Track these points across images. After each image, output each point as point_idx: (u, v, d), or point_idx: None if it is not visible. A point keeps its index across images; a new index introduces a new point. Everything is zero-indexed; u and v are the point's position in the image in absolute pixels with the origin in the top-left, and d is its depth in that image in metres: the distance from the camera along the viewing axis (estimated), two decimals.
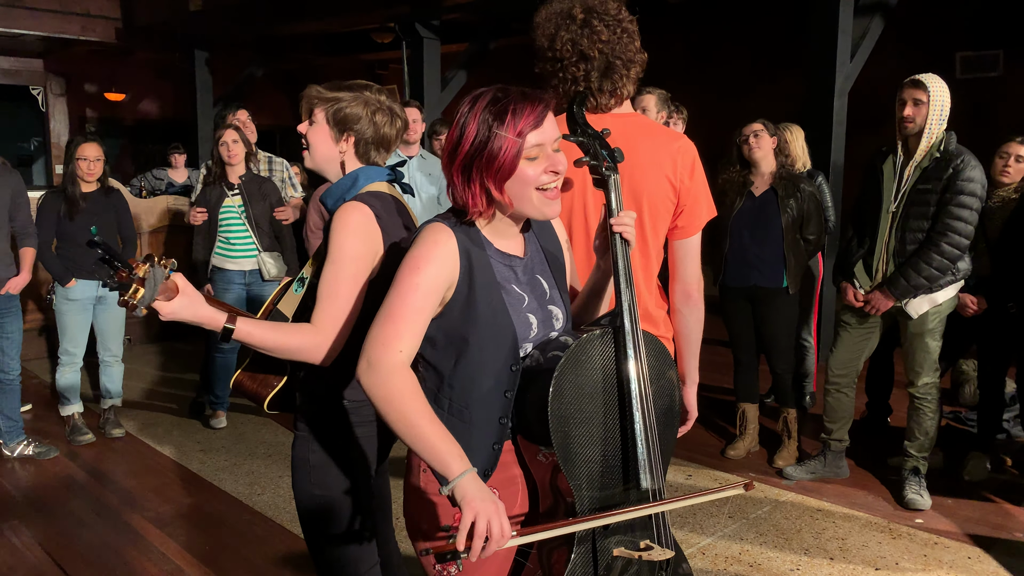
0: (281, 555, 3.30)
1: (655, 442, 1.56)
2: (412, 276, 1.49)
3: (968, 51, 7.49)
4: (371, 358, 1.47)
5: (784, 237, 4.03)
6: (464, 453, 1.42)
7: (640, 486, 1.54)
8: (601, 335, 1.56)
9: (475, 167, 1.49)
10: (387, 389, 1.44)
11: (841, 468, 3.98)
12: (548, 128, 1.51)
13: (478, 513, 1.34)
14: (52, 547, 3.37)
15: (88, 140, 4.46)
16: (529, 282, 1.63)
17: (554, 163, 1.51)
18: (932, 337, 3.62)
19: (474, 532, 1.34)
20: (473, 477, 1.39)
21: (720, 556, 3.25)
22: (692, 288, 2.09)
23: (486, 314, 1.53)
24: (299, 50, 10.00)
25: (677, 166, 1.98)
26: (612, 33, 1.94)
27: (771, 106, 6.79)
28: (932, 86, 3.44)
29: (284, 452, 4.39)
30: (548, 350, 1.57)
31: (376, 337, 1.48)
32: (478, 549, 1.33)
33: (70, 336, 4.53)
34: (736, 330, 4.30)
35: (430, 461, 1.42)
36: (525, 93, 1.51)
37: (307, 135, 1.97)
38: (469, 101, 1.52)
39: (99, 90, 11.09)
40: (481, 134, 1.48)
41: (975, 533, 3.43)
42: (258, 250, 4.68)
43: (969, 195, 3.41)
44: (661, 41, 9.24)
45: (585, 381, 1.53)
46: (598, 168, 1.61)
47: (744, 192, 4.12)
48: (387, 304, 1.51)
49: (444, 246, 1.51)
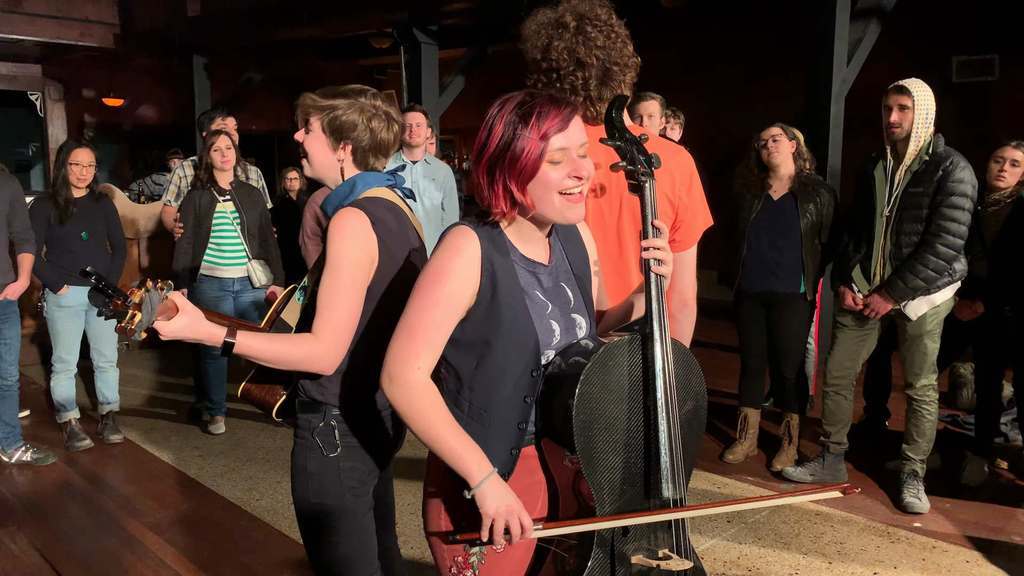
0: (279, 560, 3.29)
1: (679, 451, 1.55)
2: (434, 289, 1.50)
3: (964, 55, 7.51)
4: (391, 374, 1.51)
5: (803, 242, 4.01)
6: (486, 458, 1.50)
7: (662, 495, 1.53)
8: (630, 341, 1.55)
9: (499, 168, 1.49)
10: (409, 406, 1.50)
11: (840, 472, 3.98)
12: (574, 132, 1.50)
13: (495, 518, 1.47)
14: (50, 553, 3.36)
15: (80, 145, 4.43)
16: (553, 289, 1.62)
17: (578, 168, 1.50)
18: (931, 339, 3.63)
19: (492, 535, 1.48)
20: (493, 482, 1.49)
21: (719, 560, 3.25)
22: (688, 297, 2.11)
23: (509, 319, 1.53)
24: (297, 55, 10.01)
25: (676, 183, 1.98)
26: (607, 38, 1.90)
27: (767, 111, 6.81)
28: (916, 91, 3.47)
29: (283, 457, 4.39)
30: (569, 355, 1.57)
31: (396, 353, 1.51)
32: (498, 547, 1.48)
33: (63, 343, 4.52)
34: (748, 336, 4.29)
35: (454, 468, 1.50)
36: (553, 97, 1.51)
37: (304, 144, 1.95)
38: (499, 103, 1.53)
39: (97, 95, 11.09)
40: (506, 135, 1.48)
41: (973, 536, 3.44)
42: (248, 257, 4.68)
43: (960, 196, 3.43)
44: (658, 47, 9.28)
45: (612, 386, 1.52)
46: (635, 173, 1.59)
47: (762, 196, 4.10)
48: (408, 317, 1.52)
49: (466, 254, 1.50)
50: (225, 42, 8.88)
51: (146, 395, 5.69)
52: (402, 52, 7.44)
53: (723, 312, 7.93)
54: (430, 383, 1.51)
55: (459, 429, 1.50)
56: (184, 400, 5.41)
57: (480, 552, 1.61)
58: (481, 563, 1.61)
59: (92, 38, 9.12)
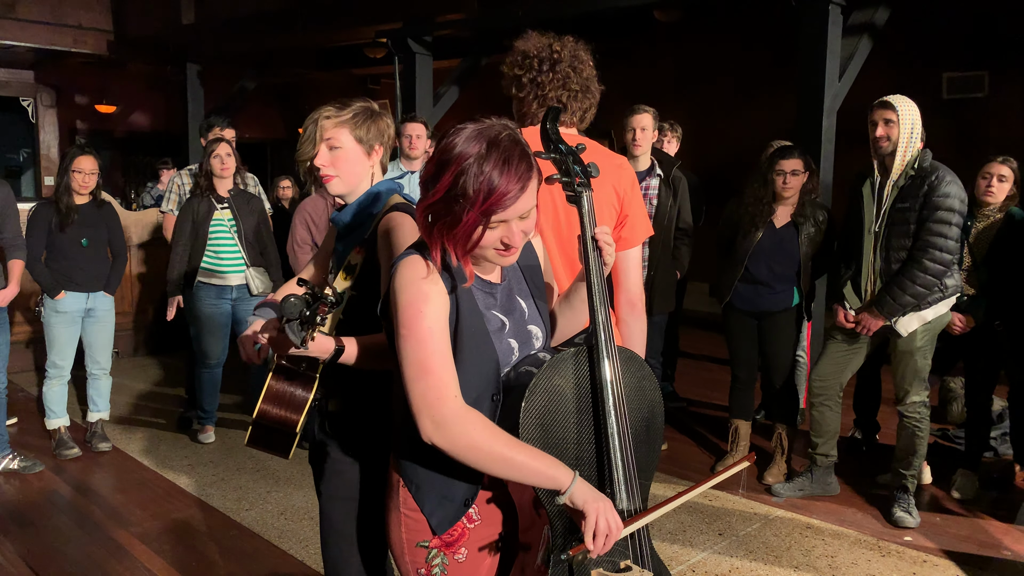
0: (268, 571, 3.27)
1: (631, 461, 1.54)
2: (420, 322, 1.46)
3: (954, 72, 7.58)
4: (435, 417, 1.43)
5: (801, 265, 4.02)
6: (562, 463, 1.46)
7: (616, 507, 1.51)
8: (575, 353, 1.53)
9: (436, 228, 1.45)
10: (468, 439, 1.42)
11: (830, 485, 3.98)
12: (521, 204, 1.44)
13: (599, 512, 1.44)
14: (36, 562, 3.33)
15: (84, 152, 4.42)
16: (508, 304, 1.61)
17: (511, 237, 1.47)
18: (921, 355, 3.64)
19: (598, 529, 1.43)
20: (582, 481, 1.46)
21: (710, 573, 3.24)
22: (635, 298, 2.13)
23: (470, 346, 1.51)
24: (291, 64, 10.01)
25: (621, 179, 2.06)
26: (579, 76, 2.12)
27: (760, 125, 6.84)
28: (900, 106, 3.50)
29: (272, 468, 4.37)
30: (521, 366, 1.56)
31: (425, 395, 1.44)
32: (601, 544, 1.43)
33: (58, 349, 4.50)
34: (738, 349, 4.29)
35: (538, 483, 1.45)
36: (508, 162, 1.42)
37: (334, 163, 1.90)
38: (461, 141, 1.44)
39: (90, 102, 11.06)
40: (449, 195, 1.42)
41: (963, 551, 3.44)
42: (246, 265, 4.66)
43: (947, 210, 3.43)
44: (652, 60, 9.32)
45: (558, 402, 1.50)
46: (571, 185, 1.58)
47: (765, 223, 4.06)
48: (412, 359, 1.45)
49: (433, 286, 1.48)
50: (219, 50, 8.87)
51: (135, 404, 5.66)
52: (396, 62, 7.45)
53: (714, 325, 7.94)
54: (474, 409, 1.45)
55: (525, 445, 1.44)
56: (173, 409, 5.38)
57: (442, 563, 1.58)
58: (444, 573, 1.59)
59: (85, 45, 9.09)
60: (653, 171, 4.45)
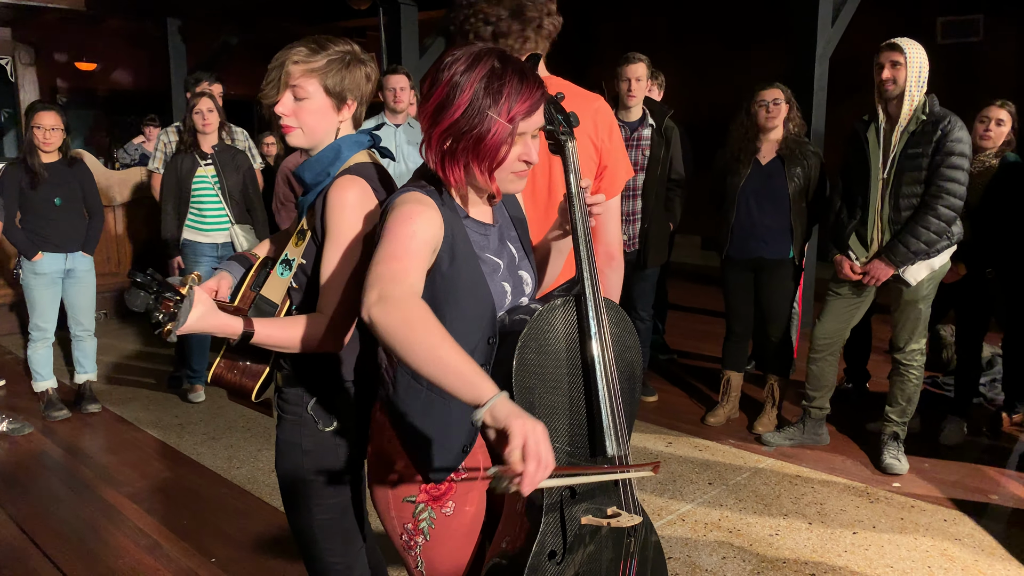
0: (260, 528, 3.28)
1: (619, 408, 1.55)
2: (406, 225, 1.40)
3: (949, 16, 7.46)
4: (383, 292, 1.30)
5: (791, 207, 3.98)
6: (491, 379, 1.28)
7: (606, 453, 1.54)
8: (563, 303, 1.54)
9: (461, 145, 1.43)
10: (405, 313, 1.27)
11: (821, 435, 4.00)
12: (538, 116, 1.47)
13: (526, 431, 1.19)
14: (27, 524, 3.33)
15: (45, 107, 4.29)
16: (500, 248, 1.60)
17: (528, 152, 1.48)
18: (926, 303, 3.61)
19: (527, 451, 1.18)
20: (508, 400, 1.24)
21: (700, 522, 3.26)
22: (614, 249, 2.09)
23: (467, 285, 1.49)
24: (275, 17, 9.79)
25: (598, 127, 1.97)
26: None
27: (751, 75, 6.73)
28: (908, 49, 3.42)
29: (262, 426, 4.36)
30: (515, 314, 1.56)
31: (383, 274, 1.33)
32: (532, 472, 1.18)
33: (40, 311, 4.44)
34: (735, 302, 4.26)
35: (458, 389, 1.25)
36: (523, 74, 1.44)
37: (296, 114, 1.72)
38: (464, 61, 1.43)
39: (69, 59, 10.83)
40: (472, 109, 1.41)
41: (952, 496, 3.47)
42: (231, 222, 4.60)
43: (959, 156, 3.38)
44: (643, 11, 9.15)
45: (548, 351, 1.51)
46: (554, 133, 1.58)
47: (751, 160, 4.04)
48: (385, 249, 1.37)
49: (430, 209, 1.44)
50: (199, 3, 8.66)
51: (124, 364, 5.63)
52: (381, 14, 7.29)
53: (705, 277, 7.93)
54: (424, 303, 1.33)
55: (459, 347, 1.27)
56: (162, 369, 5.36)
57: (430, 517, 1.58)
58: (431, 527, 1.59)
59: (62, 0, 8.86)
60: (645, 121, 4.37)
